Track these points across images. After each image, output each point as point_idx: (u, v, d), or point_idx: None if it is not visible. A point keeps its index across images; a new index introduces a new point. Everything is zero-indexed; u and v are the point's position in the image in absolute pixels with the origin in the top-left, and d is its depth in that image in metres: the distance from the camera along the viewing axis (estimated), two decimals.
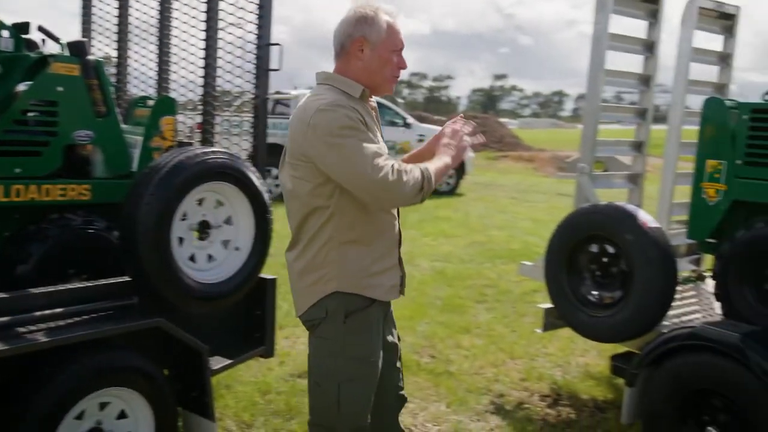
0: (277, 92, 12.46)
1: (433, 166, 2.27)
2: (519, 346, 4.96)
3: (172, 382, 2.96)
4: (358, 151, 2.11)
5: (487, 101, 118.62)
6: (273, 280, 3.59)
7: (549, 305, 3.92)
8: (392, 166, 2.13)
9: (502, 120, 37.85)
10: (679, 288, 4.27)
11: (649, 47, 4.20)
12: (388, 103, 13.77)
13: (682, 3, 4.12)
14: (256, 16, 3.59)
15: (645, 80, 4.27)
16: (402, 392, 2.57)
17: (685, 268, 4.53)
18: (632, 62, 4.37)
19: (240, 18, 3.61)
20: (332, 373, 2.27)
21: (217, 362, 3.31)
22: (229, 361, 3.40)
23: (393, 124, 12.97)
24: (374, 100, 2.44)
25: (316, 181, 2.20)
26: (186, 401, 3.08)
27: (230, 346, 3.47)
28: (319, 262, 2.25)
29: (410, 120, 13.20)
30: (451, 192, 13.42)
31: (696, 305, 4.05)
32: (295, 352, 4.63)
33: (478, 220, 10.43)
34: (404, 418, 3.71)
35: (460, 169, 13.69)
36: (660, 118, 4.82)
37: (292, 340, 4.89)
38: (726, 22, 4.57)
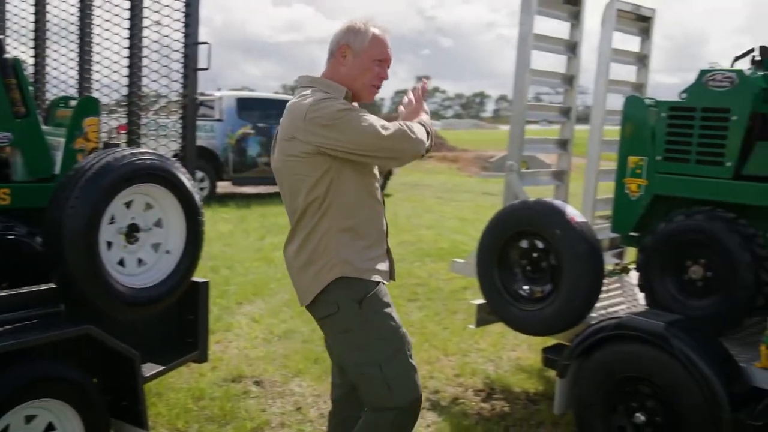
0: (201, 93, 12.24)
1: (421, 119, 2.48)
2: (452, 343, 5.02)
3: (102, 391, 2.87)
4: (363, 120, 2.27)
5: None
6: (205, 284, 3.52)
7: (481, 301, 3.99)
8: (396, 123, 2.34)
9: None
10: (605, 281, 4.45)
11: (571, 48, 4.34)
12: None
13: (602, 5, 4.28)
14: (183, 15, 3.51)
15: (569, 80, 4.40)
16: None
17: (609, 261, 4.70)
18: (555, 63, 4.50)
19: (166, 16, 3.53)
20: (369, 360, 2.37)
21: (149, 369, 3.22)
22: (161, 368, 3.31)
23: None
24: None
25: (316, 175, 2.32)
26: (117, 410, 2.98)
27: (162, 352, 3.38)
28: (320, 252, 2.37)
29: None
30: None
31: (621, 297, 4.20)
32: (228, 357, 4.56)
33: (407, 220, 10.50)
34: None
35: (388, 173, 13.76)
36: (581, 117, 4.97)
37: (224, 345, 4.81)
38: (643, 24, 4.77)
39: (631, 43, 4.83)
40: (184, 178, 3.14)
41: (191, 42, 3.52)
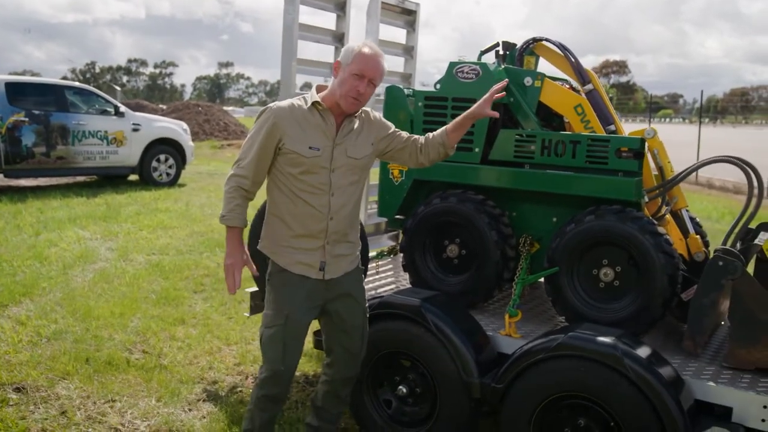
0: None
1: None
2: (235, 332, 5.01)
3: None
4: (248, 143, 2.82)
5: (214, 89, 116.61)
6: None
7: (254, 289, 4.01)
8: (232, 182, 2.82)
9: (227, 108, 37.50)
10: (381, 262, 4.65)
11: (339, 38, 4.45)
12: (97, 92, 12.88)
13: None
14: None
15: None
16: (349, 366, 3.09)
17: (385, 244, 4.92)
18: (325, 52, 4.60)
19: None
20: (262, 319, 2.90)
21: None
22: None
23: (105, 113, 12.18)
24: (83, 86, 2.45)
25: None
26: None
27: None
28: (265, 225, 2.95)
29: (123, 109, 12.49)
30: (172, 183, 13.02)
31: (392, 277, 4.42)
32: None
33: (200, 210, 10.25)
34: (111, 419, 3.59)
35: (181, 159, 13.32)
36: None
37: None
38: (408, 17, 5.01)
39: (398, 34, 5.07)
40: None
41: None
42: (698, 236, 3.68)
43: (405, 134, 3.08)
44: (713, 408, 2.90)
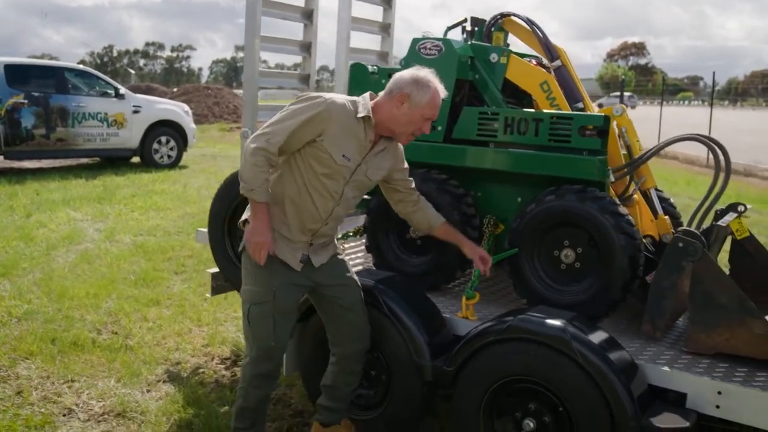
0: None
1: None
2: (208, 313, 4.97)
3: None
4: (284, 114, 2.70)
5: (231, 72, 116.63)
6: None
7: (215, 269, 3.96)
8: (260, 150, 2.65)
9: (237, 92, 37.40)
10: (348, 244, 4.57)
11: (307, 15, 4.35)
12: (97, 73, 12.87)
13: None
14: None
15: (306, 47, 4.42)
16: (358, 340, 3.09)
17: (355, 224, 4.84)
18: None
19: None
20: (245, 296, 2.85)
21: None
22: None
23: (105, 95, 12.17)
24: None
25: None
26: None
27: None
28: None
29: (123, 90, 12.46)
30: (174, 165, 13.01)
31: (360, 258, 4.34)
32: None
33: (196, 192, 10.22)
34: (66, 399, 3.55)
35: (183, 141, 13.29)
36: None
37: None
38: None
39: (375, 12, 4.96)
40: None
41: None
42: (667, 217, 3.56)
43: (411, 181, 3.12)
44: (668, 393, 2.81)
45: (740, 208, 3.54)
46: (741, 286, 3.72)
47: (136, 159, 13.11)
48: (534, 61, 3.77)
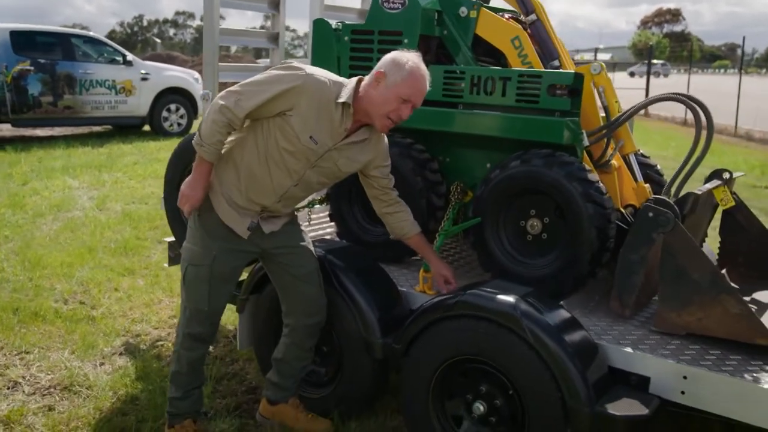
0: None
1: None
2: None
3: None
4: (251, 80, 2.53)
5: None
6: None
7: (172, 239, 3.79)
8: (222, 112, 2.49)
9: (261, 61, 37.17)
10: (313, 211, 4.36)
11: (274, 5, 4.11)
12: (105, 40, 12.75)
13: None
14: None
15: (274, 4, 4.19)
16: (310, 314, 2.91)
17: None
18: None
19: None
20: (185, 254, 2.73)
21: None
22: None
23: (113, 62, 12.04)
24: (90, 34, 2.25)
25: None
26: None
27: None
28: None
29: (131, 57, 12.32)
30: (183, 133, 12.88)
31: (330, 228, 4.13)
32: None
33: None
34: (14, 371, 3.43)
35: (193, 109, 13.15)
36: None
37: None
38: None
39: None
40: None
41: None
42: (648, 185, 3.29)
43: (390, 180, 2.89)
44: (630, 377, 2.57)
45: (725, 175, 3.25)
46: (732, 261, 3.50)
47: (147, 128, 13.02)
48: (507, 16, 3.49)
